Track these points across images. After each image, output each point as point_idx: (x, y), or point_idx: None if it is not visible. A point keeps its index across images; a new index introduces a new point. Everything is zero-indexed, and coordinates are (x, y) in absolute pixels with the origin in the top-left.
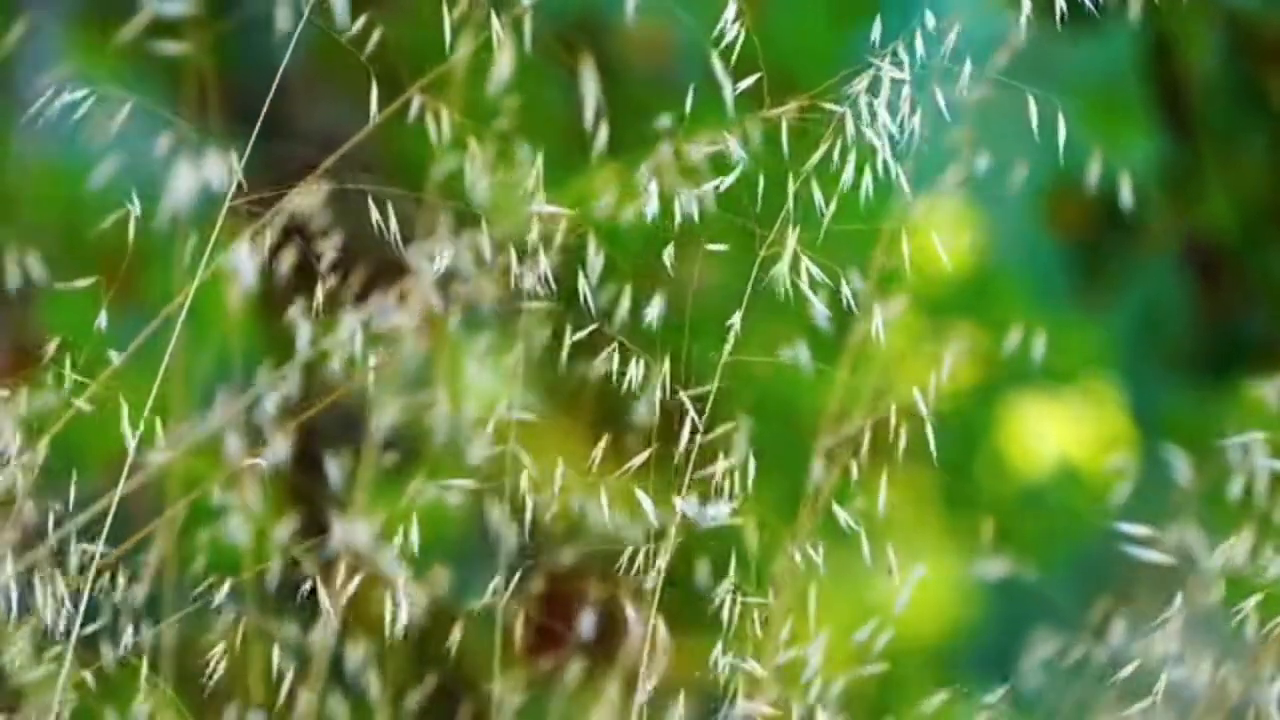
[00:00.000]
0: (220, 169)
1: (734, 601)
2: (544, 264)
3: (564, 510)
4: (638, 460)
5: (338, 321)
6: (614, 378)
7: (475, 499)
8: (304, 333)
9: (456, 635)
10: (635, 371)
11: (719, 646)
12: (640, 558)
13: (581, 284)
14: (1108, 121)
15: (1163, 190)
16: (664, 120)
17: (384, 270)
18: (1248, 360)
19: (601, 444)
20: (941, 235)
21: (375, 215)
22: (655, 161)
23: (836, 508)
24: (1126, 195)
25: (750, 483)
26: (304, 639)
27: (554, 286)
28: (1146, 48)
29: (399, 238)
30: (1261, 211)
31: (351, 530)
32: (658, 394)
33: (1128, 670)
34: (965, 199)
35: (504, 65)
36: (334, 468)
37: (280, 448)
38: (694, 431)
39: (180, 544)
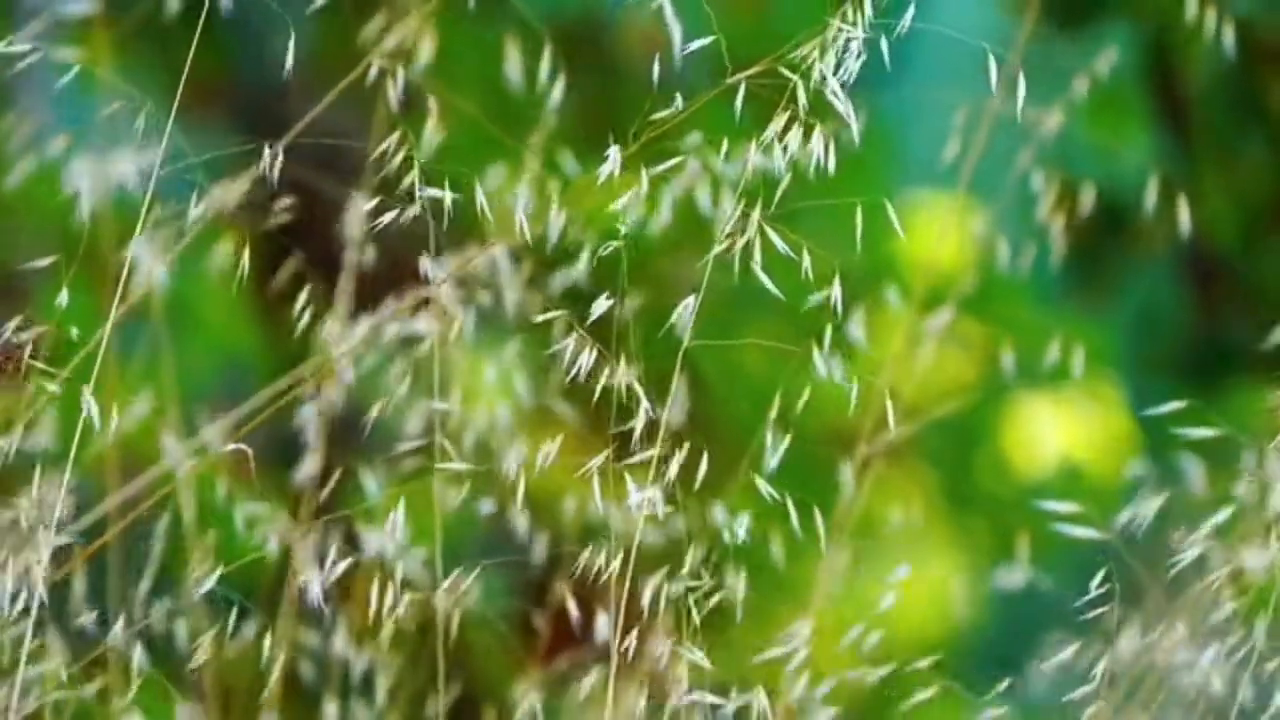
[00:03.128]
0: (148, 159)
1: (692, 592)
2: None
3: (568, 508)
4: (598, 460)
5: (347, 326)
6: (571, 364)
7: (471, 495)
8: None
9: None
10: (588, 359)
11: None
12: (606, 553)
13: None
14: (1105, 122)
15: (1160, 192)
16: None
17: (398, 275)
18: (1243, 364)
19: (559, 437)
20: (934, 226)
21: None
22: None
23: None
24: (1150, 199)
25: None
26: (293, 635)
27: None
28: (1145, 48)
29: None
30: (1259, 214)
31: (344, 524)
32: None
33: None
34: (962, 193)
35: (425, 49)
36: (309, 466)
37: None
38: (650, 423)
39: (175, 537)
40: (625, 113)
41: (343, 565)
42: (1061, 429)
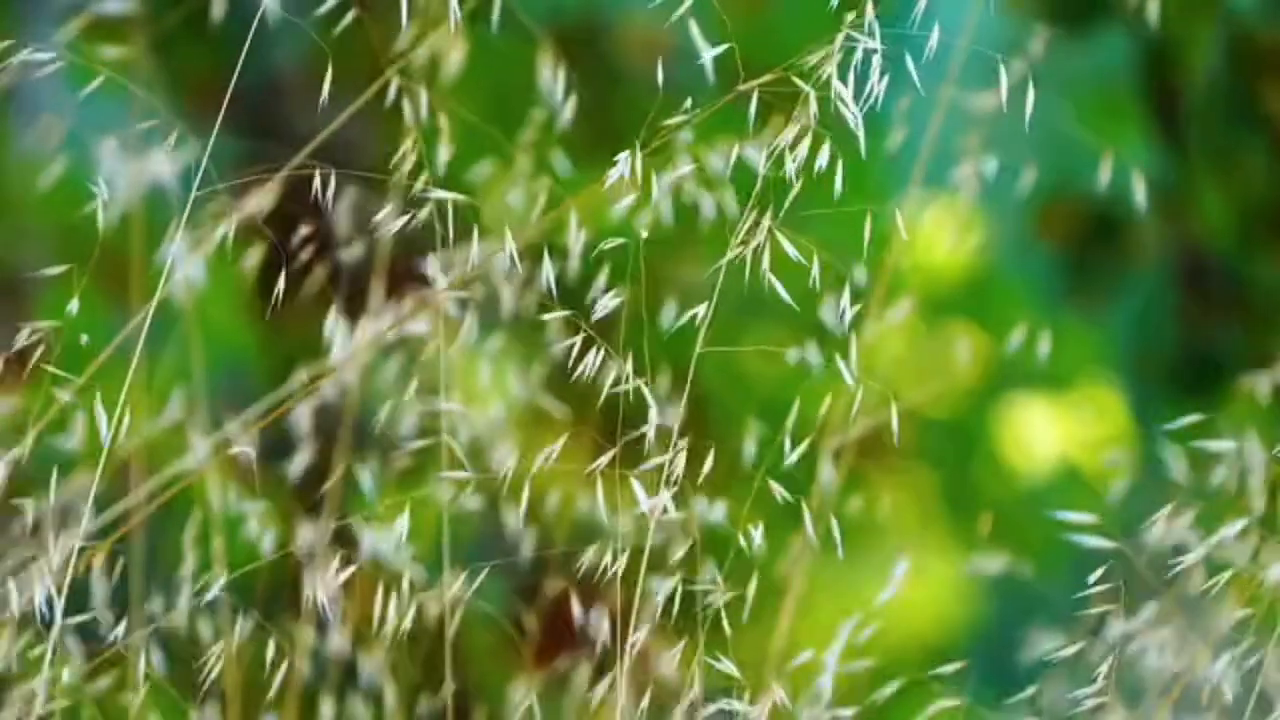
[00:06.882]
0: (170, 163)
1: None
2: (549, 269)
3: (567, 509)
4: (605, 458)
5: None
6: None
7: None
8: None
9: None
10: (594, 361)
11: (694, 645)
12: (611, 554)
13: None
14: (1102, 127)
15: (1157, 198)
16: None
17: (399, 276)
18: (1236, 370)
19: (562, 440)
20: (935, 230)
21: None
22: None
23: (807, 512)
24: (1140, 200)
25: (702, 475)
26: (299, 637)
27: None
28: (1143, 53)
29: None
30: (1255, 220)
31: (347, 528)
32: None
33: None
34: (961, 197)
35: (455, 57)
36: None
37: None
38: (658, 425)
39: (173, 539)
40: (625, 114)
41: (348, 569)
42: (1058, 431)
